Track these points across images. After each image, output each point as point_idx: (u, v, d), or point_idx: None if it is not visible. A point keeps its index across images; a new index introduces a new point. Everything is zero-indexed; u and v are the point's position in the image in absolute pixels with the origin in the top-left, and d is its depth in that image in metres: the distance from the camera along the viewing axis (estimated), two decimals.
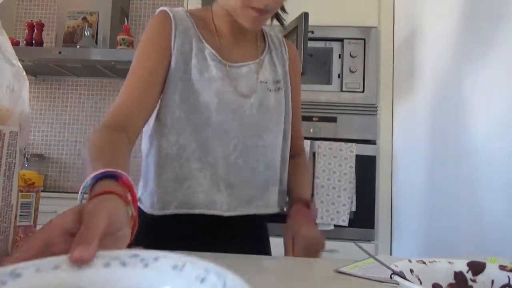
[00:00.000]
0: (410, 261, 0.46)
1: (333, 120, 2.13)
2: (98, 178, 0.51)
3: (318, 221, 2.02)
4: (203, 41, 0.86)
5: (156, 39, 0.84)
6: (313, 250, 0.84)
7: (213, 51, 0.86)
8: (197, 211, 0.83)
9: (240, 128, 0.86)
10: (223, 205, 0.84)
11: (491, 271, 0.47)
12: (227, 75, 0.86)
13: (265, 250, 0.98)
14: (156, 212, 0.84)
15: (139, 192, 0.90)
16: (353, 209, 2.04)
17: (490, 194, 1.12)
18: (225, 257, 0.82)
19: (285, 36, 1.95)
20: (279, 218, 0.97)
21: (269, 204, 0.91)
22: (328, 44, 2.16)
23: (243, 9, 0.80)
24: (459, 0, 1.40)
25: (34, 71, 2.79)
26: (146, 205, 0.86)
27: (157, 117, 0.86)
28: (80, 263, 0.33)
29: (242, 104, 0.86)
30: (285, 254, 0.85)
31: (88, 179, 0.51)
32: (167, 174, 0.85)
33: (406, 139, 1.96)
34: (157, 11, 0.87)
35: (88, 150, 0.64)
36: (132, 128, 0.77)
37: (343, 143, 2.07)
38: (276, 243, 0.98)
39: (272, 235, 1.00)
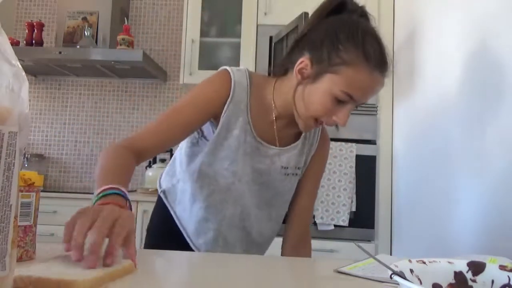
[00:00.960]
0: (410, 261, 0.46)
1: None
2: (113, 193, 0.68)
3: (318, 221, 2.02)
4: (249, 117, 0.92)
5: (210, 98, 0.89)
6: None
7: (254, 130, 0.93)
8: (195, 253, 0.96)
9: (251, 199, 0.97)
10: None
11: (491, 271, 0.47)
12: (257, 152, 0.94)
13: None
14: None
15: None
16: (353, 209, 2.04)
17: (491, 193, 1.12)
18: (227, 257, 0.82)
19: (286, 36, 1.96)
20: None
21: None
22: None
23: (309, 118, 0.87)
24: (458, 0, 1.40)
25: (34, 71, 2.79)
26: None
27: (190, 161, 0.97)
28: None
29: (260, 181, 0.96)
30: None
31: (107, 188, 0.68)
32: (184, 212, 1.00)
33: (406, 139, 1.96)
34: (223, 69, 0.92)
35: (105, 161, 0.78)
36: (143, 157, 0.85)
37: (343, 143, 2.07)
38: (273, 243, 1.09)
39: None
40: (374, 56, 0.80)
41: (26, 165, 2.68)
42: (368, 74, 0.81)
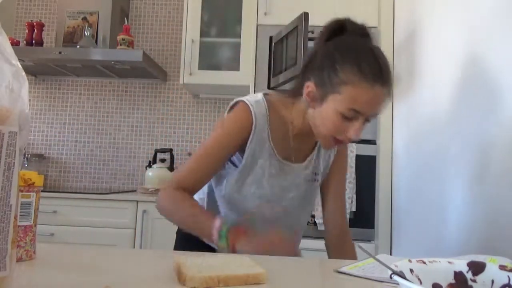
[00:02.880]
0: (410, 261, 0.46)
1: None
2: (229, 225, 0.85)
3: (318, 221, 2.02)
4: (272, 142, 0.99)
5: (235, 135, 0.97)
6: None
7: (279, 156, 1.00)
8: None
9: (280, 213, 1.03)
10: None
11: (491, 271, 0.47)
12: (282, 172, 1.02)
13: None
14: None
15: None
16: (353, 209, 2.04)
17: (492, 193, 1.12)
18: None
19: (286, 36, 1.96)
20: None
21: None
22: None
23: (326, 137, 0.93)
24: (458, 0, 1.40)
25: (34, 71, 2.79)
26: None
27: (218, 183, 1.05)
28: None
29: (288, 197, 1.04)
30: None
31: (219, 226, 0.85)
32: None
33: (406, 139, 1.96)
34: (242, 104, 0.98)
35: (179, 206, 0.94)
36: (191, 193, 0.97)
37: None
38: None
39: None
40: (370, 71, 0.85)
41: (26, 165, 2.68)
42: (368, 89, 0.85)
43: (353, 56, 0.87)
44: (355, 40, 0.92)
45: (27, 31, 2.64)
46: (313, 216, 2.03)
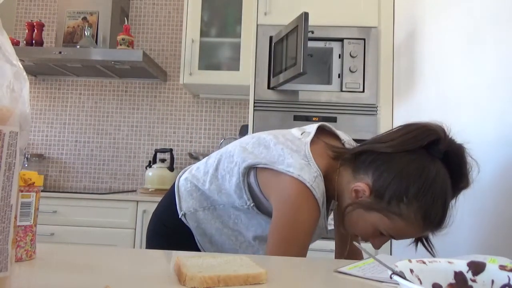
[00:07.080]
0: (410, 261, 0.46)
1: (333, 120, 2.13)
2: None
3: None
4: (325, 219, 0.94)
5: (313, 225, 0.87)
6: None
7: (328, 225, 0.96)
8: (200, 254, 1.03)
9: None
10: None
11: (491, 271, 0.47)
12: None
13: None
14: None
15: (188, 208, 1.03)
16: None
17: (492, 193, 1.12)
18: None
19: (286, 36, 1.96)
20: None
21: None
22: (328, 44, 2.16)
23: (352, 233, 0.90)
24: (459, 0, 1.40)
25: (34, 71, 2.79)
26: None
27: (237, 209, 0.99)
28: None
29: None
30: None
31: None
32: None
33: None
34: (305, 188, 0.83)
35: None
36: None
37: None
38: None
39: None
40: (433, 221, 0.81)
41: (26, 165, 2.68)
42: (418, 232, 0.83)
43: (428, 200, 0.79)
44: (437, 179, 0.80)
45: (27, 31, 2.64)
46: None
